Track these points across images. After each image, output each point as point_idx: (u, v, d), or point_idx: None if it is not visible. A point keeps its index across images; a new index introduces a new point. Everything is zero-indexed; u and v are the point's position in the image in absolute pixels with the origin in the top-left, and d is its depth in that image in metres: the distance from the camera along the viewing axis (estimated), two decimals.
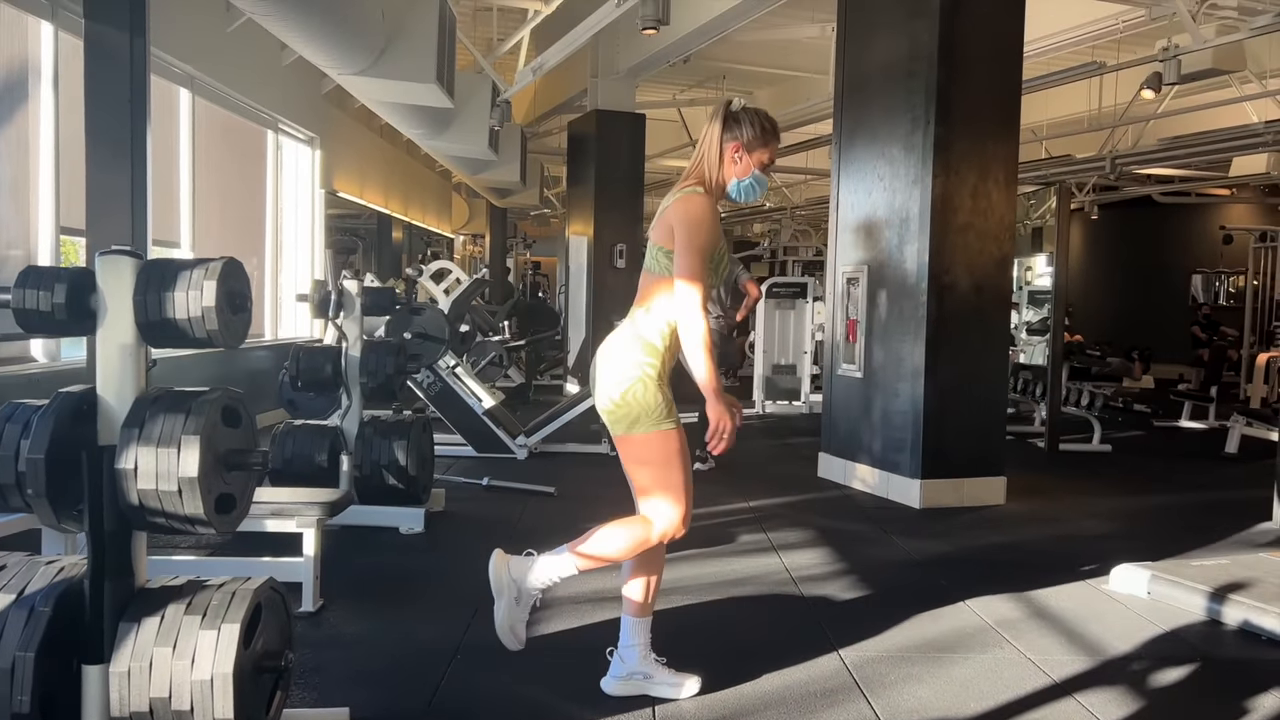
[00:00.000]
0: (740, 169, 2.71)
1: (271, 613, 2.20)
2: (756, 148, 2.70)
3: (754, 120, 2.70)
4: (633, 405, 2.60)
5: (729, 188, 2.73)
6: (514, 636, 2.71)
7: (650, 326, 2.66)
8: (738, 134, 2.69)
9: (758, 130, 2.69)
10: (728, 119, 2.70)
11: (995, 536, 4.99)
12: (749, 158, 2.70)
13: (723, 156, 2.70)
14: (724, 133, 2.69)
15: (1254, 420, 8.12)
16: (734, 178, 2.71)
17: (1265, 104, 9.83)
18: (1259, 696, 2.93)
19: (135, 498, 1.99)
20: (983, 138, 5.62)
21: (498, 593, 2.71)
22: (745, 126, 2.69)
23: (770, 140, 2.72)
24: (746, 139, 2.69)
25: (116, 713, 2.00)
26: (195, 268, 2.08)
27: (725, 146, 2.69)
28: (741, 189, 2.73)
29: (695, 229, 2.61)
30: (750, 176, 2.72)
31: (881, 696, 2.85)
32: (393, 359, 4.88)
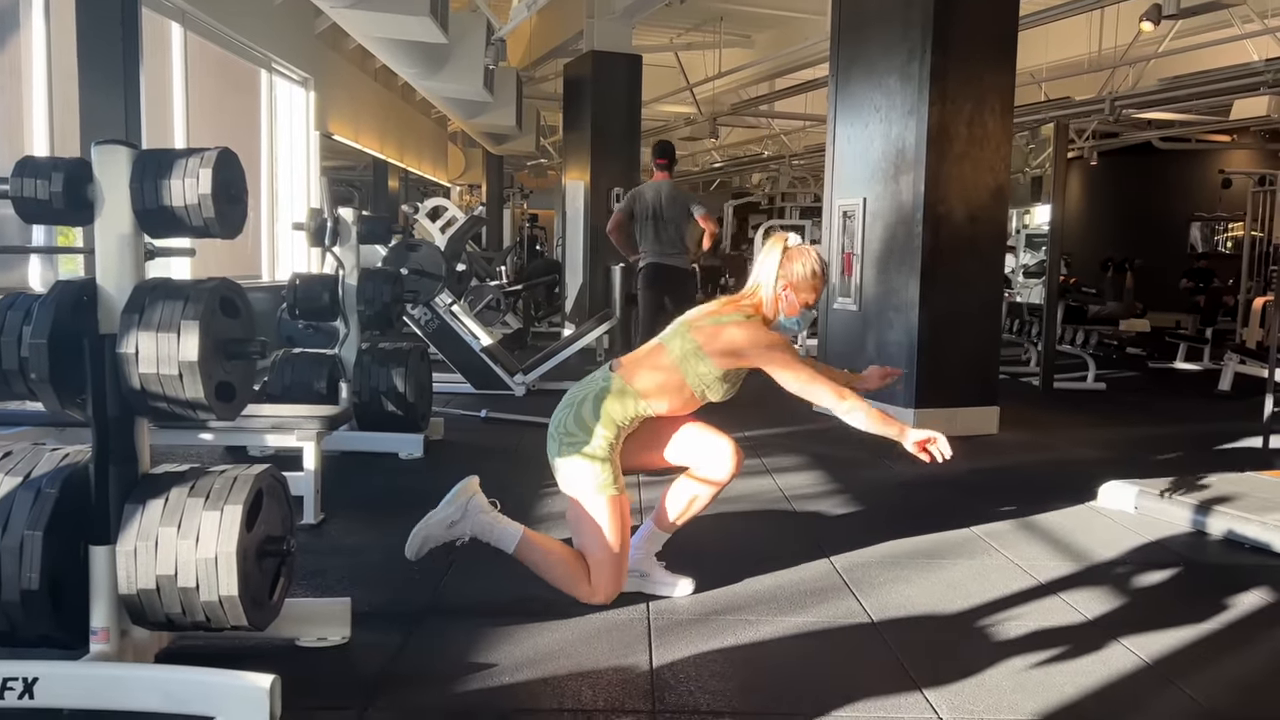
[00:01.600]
0: (789, 307, 2.84)
1: (273, 499, 2.25)
2: (804, 289, 2.83)
3: (806, 264, 2.82)
4: (582, 467, 2.73)
5: (777, 321, 2.87)
6: (418, 547, 2.78)
7: (622, 405, 2.73)
8: (789, 273, 2.82)
9: (808, 273, 2.82)
10: (784, 257, 2.82)
11: (988, 461, 5.06)
12: (797, 297, 2.83)
13: (776, 294, 2.83)
14: (780, 269, 2.81)
15: (1247, 358, 8.16)
16: (783, 314, 2.85)
17: (1266, 42, 9.74)
18: (1239, 594, 3.00)
19: (137, 382, 2.03)
20: (979, 67, 5.59)
21: (445, 505, 2.81)
22: (798, 266, 2.82)
23: (819, 284, 2.85)
24: (796, 279, 2.82)
25: (124, 590, 2.05)
26: (190, 156, 2.10)
27: (778, 282, 2.82)
28: (787, 325, 2.89)
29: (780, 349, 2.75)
30: (798, 315, 2.85)
31: (870, 595, 2.92)
32: (389, 287, 4.91)
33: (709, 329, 2.76)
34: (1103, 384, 8.09)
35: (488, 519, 2.80)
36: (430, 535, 2.78)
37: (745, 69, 12.95)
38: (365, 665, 2.35)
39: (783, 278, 2.80)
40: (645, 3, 10.21)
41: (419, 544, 2.78)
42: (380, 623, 2.59)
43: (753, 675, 2.35)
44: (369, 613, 2.61)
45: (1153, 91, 11.01)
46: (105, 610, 2.09)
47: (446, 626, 2.61)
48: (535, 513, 3.80)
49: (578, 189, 11.19)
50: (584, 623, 2.64)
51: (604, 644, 2.50)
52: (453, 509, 2.80)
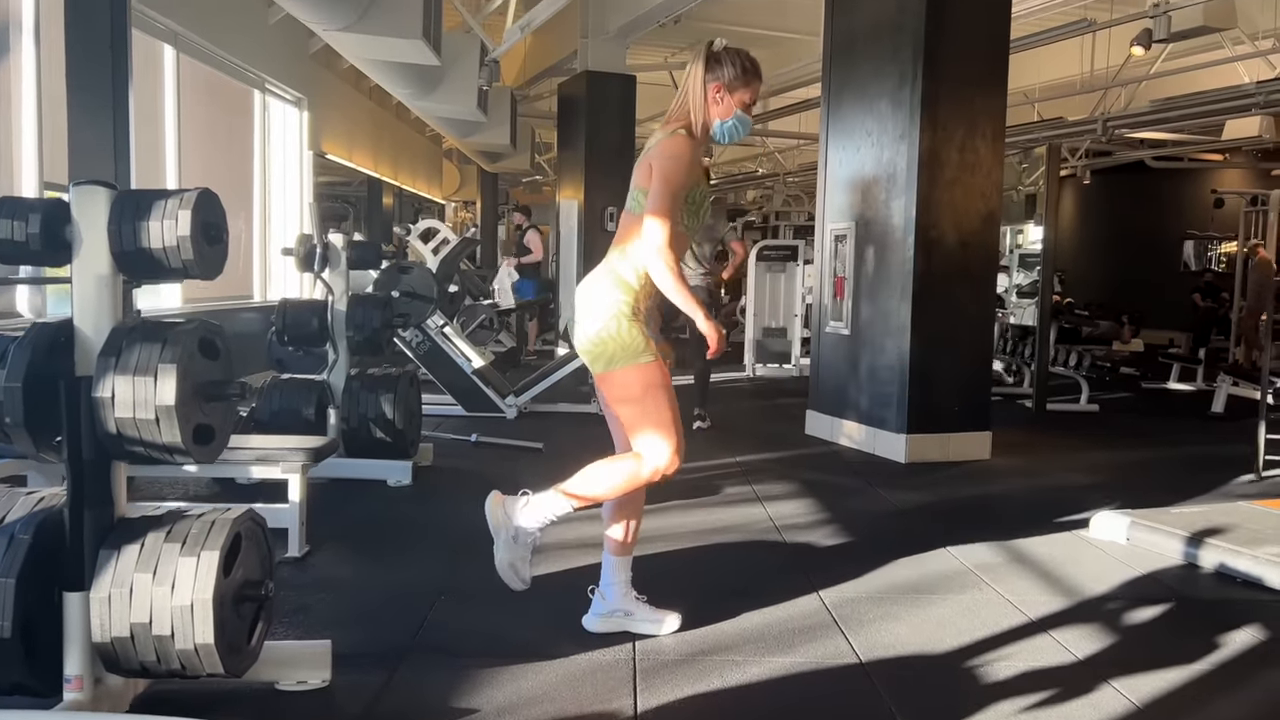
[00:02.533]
0: (722, 109, 2.70)
1: (251, 543, 2.22)
2: (738, 88, 2.69)
3: (735, 60, 2.69)
4: (608, 342, 2.62)
5: (713, 129, 2.72)
6: (516, 575, 2.73)
7: (625, 266, 2.67)
8: (719, 74, 2.68)
9: (738, 70, 2.68)
10: (709, 59, 2.69)
11: (979, 488, 5.04)
12: (730, 98, 2.69)
13: (705, 98, 2.69)
14: (706, 73, 2.68)
15: (1240, 380, 8.16)
16: (717, 119, 2.70)
17: (1256, 64, 9.80)
18: (1231, 632, 2.97)
19: (113, 426, 2.00)
20: (970, 92, 5.60)
21: (495, 532, 2.74)
22: (726, 66, 2.68)
23: (751, 80, 2.71)
24: (728, 79, 2.68)
25: (98, 638, 2.02)
26: (170, 198, 2.08)
27: (708, 87, 2.68)
28: (725, 130, 2.72)
29: (672, 167, 2.62)
30: (733, 117, 2.71)
31: (859, 633, 2.89)
32: (379, 313, 4.88)
33: (639, 163, 2.70)
34: (1096, 405, 8.08)
35: (527, 510, 2.71)
36: (514, 560, 2.73)
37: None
38: (345, 709, 2.31)
39: (712, 80, 2.67)
40: (639, 24, 10.24)
41: (512, 575, 2.73)
42: (361, 664, 2.55)
43: None
44: (350, 654, 2.57)
45: (1145, 112, 11.05)
46: (79, 658, 2.05)
47: (428, 668, 2.58)
48: None
49: (572, 208, 11.20)
50: (568, 664, 2.61)
51: (588, 687, 2.47)
52: (502, 531, 2.73)
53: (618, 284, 2.65)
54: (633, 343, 2.61)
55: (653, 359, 2.63)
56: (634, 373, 2.62)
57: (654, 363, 2.64)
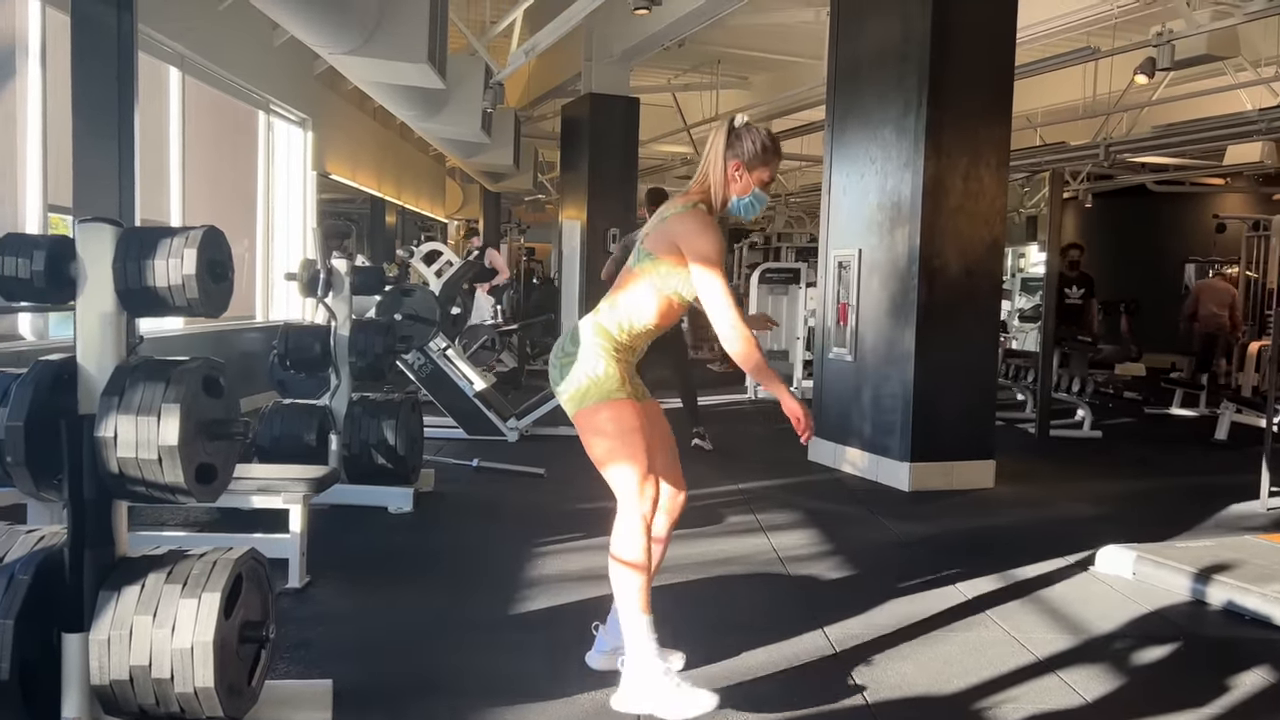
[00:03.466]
0: (741, 186, 2.71)
1: (253, 583, 2.20)
2: (756, 166, 2.70)
3: (755, 139, 2.70)
4: (581, 379, 2.59)
5: (730, 204, 2.74)
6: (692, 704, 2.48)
7: (610, 318, 2.67)
8: (739, 151, 2.69)
9: (758, 148, 2.69)
10: (730, 135, 2.70)
11: (983, 519, 5.01)
12: (749, 175, 2.70)
13: (725, 174, 2.70)
14: (726, 149, 2.70)
15: (1243, 407, 8.13)
16: (735, 195, 2.72)
17: (1259, 92, 9.83)
18: (1240, 674, 2.94)
19: (115, 466, 1.99)
20: (975, 121, 5.60)
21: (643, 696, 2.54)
22: (746, 143, 2.69)
23: (770, 158, 2.72)
24: (747, 157, 2.69)
25: (97, 680, 2.00)
26: (175, 236, 2.07)
27: (728, 164, 2.70)
28: (742, 206, 2.74)
29: (708, 244, 2.59)
30: (750, 194, 2.73)
31: (864, 673, 2.86)
32: (382, 338, 4.87)
33: (654, 231, 2.69)
34: (1099, 432, 8.05)
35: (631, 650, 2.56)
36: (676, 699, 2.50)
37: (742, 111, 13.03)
38: None
39: (732, 157, 2.68)
40: (643, 47, 10.28)
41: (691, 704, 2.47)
42: (362, 703, 2.52)
43: None
44: (354, 689, 2.55)
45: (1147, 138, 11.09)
46: (77, 700, 2.03)
47: (431, 708, 2.55)
48: (524, 574, 3.74)
49: (574, 228, 11.21)
50: (570, 704, 2.58)
51: None
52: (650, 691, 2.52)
53: (599, 331, 2.64)
54: (608, 380, 2.59)
55: (626, 397, 2.61)
56: (607, 409, 2.58)
57: (628, 401, 2.61)
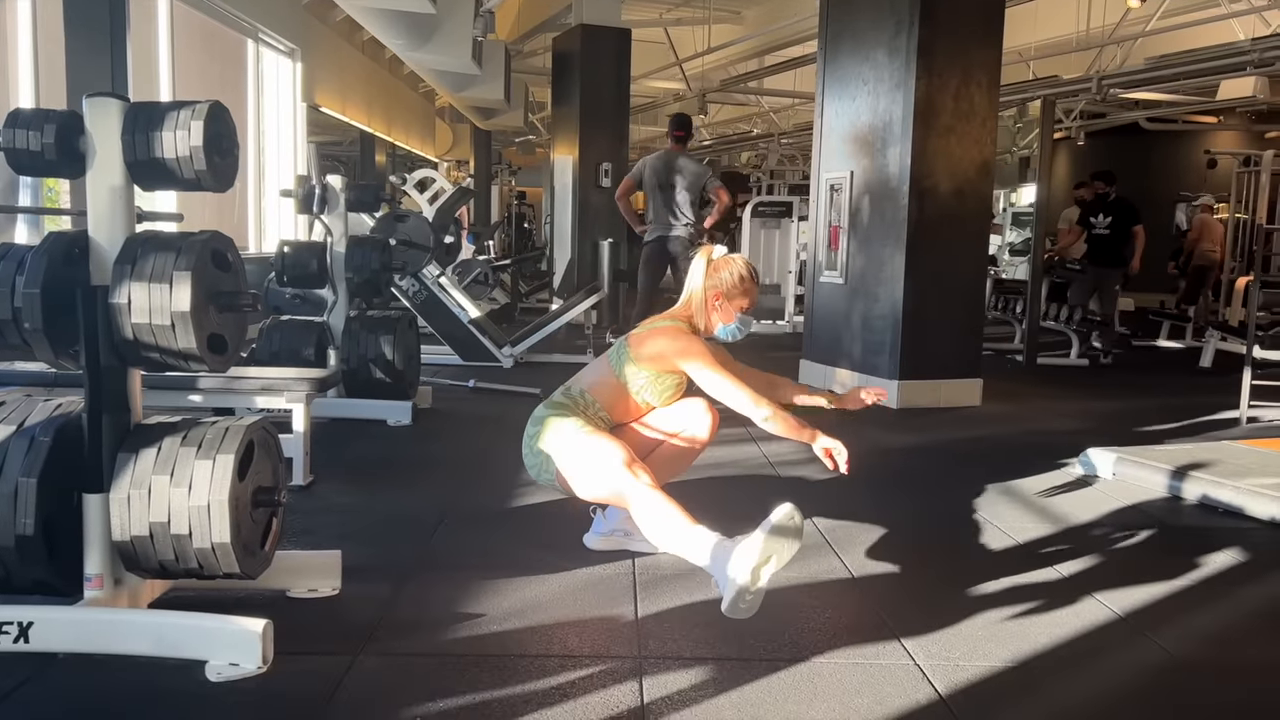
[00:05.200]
0: (724, 315, 2.93)
1: (264, 451, 2.28)
2: (736, 295, 2.92)
3: (733, 271, 2.92)
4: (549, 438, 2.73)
5: (716, 331, 2.96)
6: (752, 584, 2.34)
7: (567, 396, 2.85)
8: (718, 282, 2.90)
9: (736, 279, 2.92)
10: (709, 269, 2.91)
11: (969, 431, 5.13)
12: (730, 305, 2.92)
13: (707, 304, 2.90)
14: (706, 281, 2.90)
15: (1228, 335, 8.25)
16: (720, 323, 2.93)
17: (1252, 22, 9.80)
18: (1211, 554, 3.07)
19: (130, 332, 2.06)
20: (966, 40, 5.62)
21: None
22: (724, 275, 2.91)
23: (749, 288, 2.94)
24: (726, 288, 2.90)
25: (117, 536, 2.09)
26: (181, 109, 2.11)
27: (708, 294, 2.90)
28: (728, 331, 2.96)
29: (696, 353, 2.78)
30: (735, 322, 2.94)
31: (851, 553, 2.98)
32: (378, 255, 4.92)
33: (640, 336, 2.86)
34: (1086, 360, 8.17)
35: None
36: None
37: (734, 45, 12.93)
38: (356, 615, 2.39)
39: (711, 288, 2.89)
40: None
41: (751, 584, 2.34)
42: (370, 576, 2.63)
43: (735, 625, 2.40)
44: (359, 567, 2.65)
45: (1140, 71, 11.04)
46: (99, 557, 2.12)
47: (436, 580, 2.66)
48: (522, 476, 3.83)
49: (566, 164, 11.18)
50: (570, 577, 2.69)
51: (590, 596, 2.55)
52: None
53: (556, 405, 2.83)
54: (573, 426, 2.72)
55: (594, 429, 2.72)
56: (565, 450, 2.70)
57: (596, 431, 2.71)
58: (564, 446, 2.71)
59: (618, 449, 2.63)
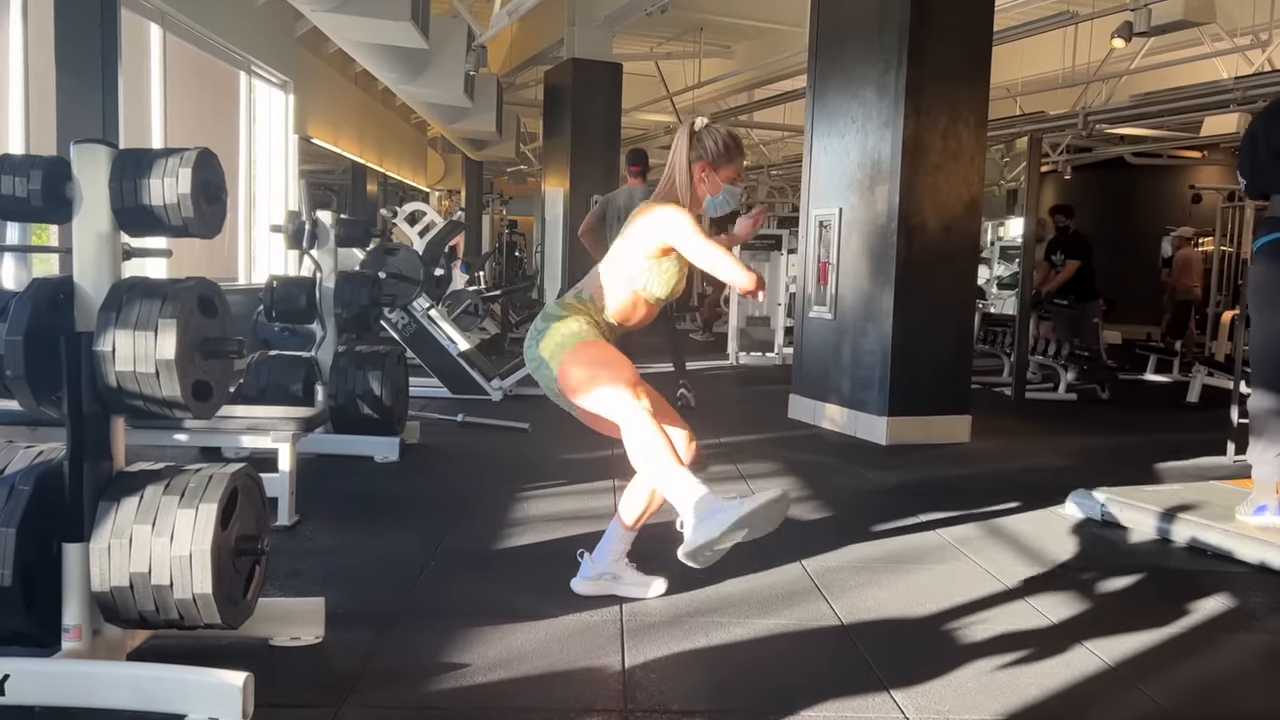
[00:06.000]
0: (710, 187, 2.82)
1: (248, 499, 2.26)
2: (722, 164, 2.81)
3: (717, 139, 2.81)
4: (555, 336, 2.67)
5: (704, 205, 2.85)
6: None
7: (578, 297, 2.78)
8: (703, 153, 2.80)
9: (721, 148, 2.80)
10: (692, 139, 2.80)
11: (958, 469, 5.12)
12: (716, 175, 2.81)
13: (692, 176, 2.81)
14: (689, 152, 2.80)
15: (1215, 370, 8.29)
16: (706, 195, 2.83)
17: (1235, 61, 9.93)
18: (1201, 600, 3.06)
19: (114, 380, 2.04)
20: (954, 80, 5.67)
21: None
22: (709, 145, 2.80)
23: (735, 156, 2.83)
24: (711, 157, 2.80)
25: (97, 587, 2.06)
26: (170, 156, 2.11)
27: (693, 166, 2.80)
28: (715, 204, 2.86)
29: (687, 230, 2.67)
30: (722, 193, 2.84)
31: (840, 598, 2.96)
32: (368, 290, 4.92)
33: (635, 228, 2.76)
34: (1074, 395, 8.19)
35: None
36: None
37: (725, 79, 13.03)
38: (339, 664, 2.36)
39: (696, 159, 2.78)
40: (626, 12, 10.27)
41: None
42: (354, 623, 2.60)
43: (724, 676, 2.38)
44: (343, 613, 2.62)
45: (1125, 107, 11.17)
46: (78, 607, 2.09)
47: (420, 627, 2.63)
48: (510, 515, 3.81)
49: (557, 196, 11.23)
50: (557, 624, 2.66)
51: (577, 645, 2.52)
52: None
53: (566, 305, 2.75)
54: (581, 331, 2.67)
55: (596, 339, 2.69)
56: (581, 348, 2.65)
57: (597, 340, 2.69)
58: (569, 350, 2.64)
59: (626, 365, 2.63)
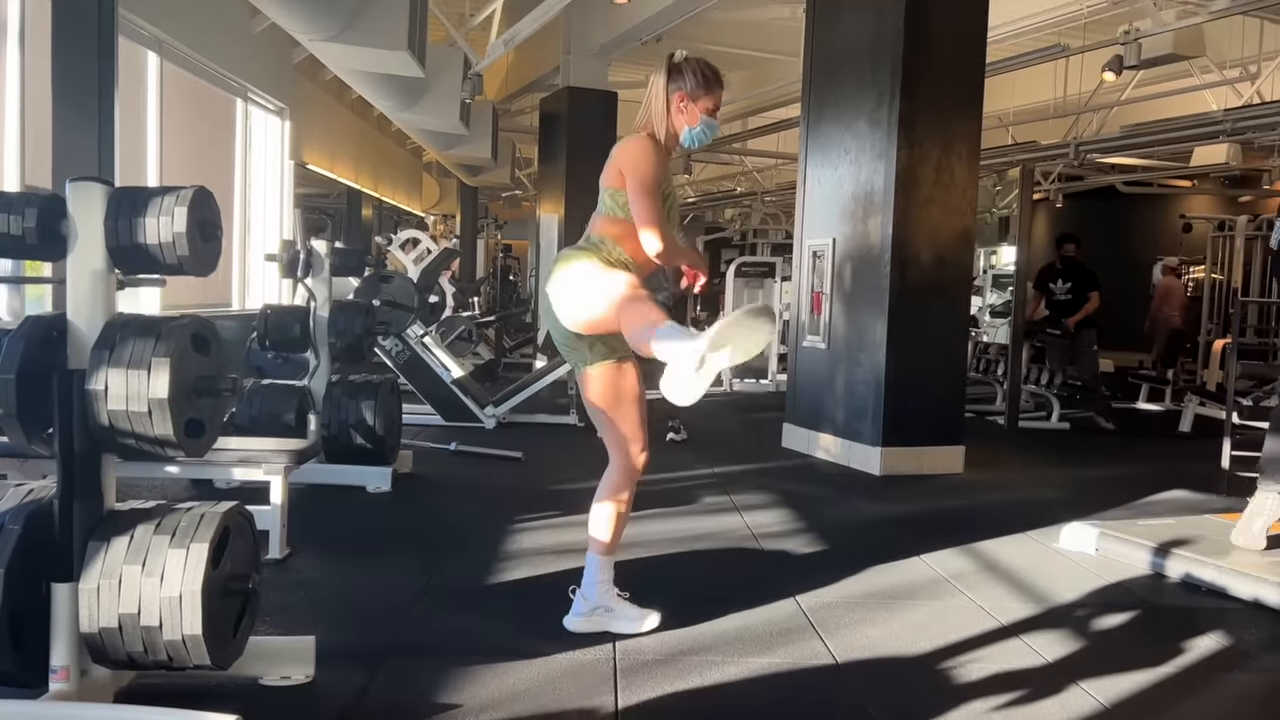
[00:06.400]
0: (689, 117, 2.81)
1: (239, 537, 2.25)
2: (700, 96, 2.80)
3: (696, 69, 2.81)
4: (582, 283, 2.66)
5: (681, 136, 2.84)
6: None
7: (586, 243, 2.78)
8: (681, 84, 2.79)
9: (699, 79, 2.80)
10: (670, 71, 2.80)
11: (952, 500, 5.11)
12: (694, 106, 2.81)
13: (669, 107, 2.80)
14: (669, 84, 2.79)
15: (1207, 400, 8.31)
16: (685, 126, 2.82)
17: (1224, 93, 10.03)
18: (1196, 638, 3.05)
19: (105, 419, 2.03)
20: (947, 112, 5.72)
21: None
22: (688, 76, 2.79)
23: (713, 87, 2.82)
24: (690, 88, 2.79)
25: (86, 628, 2.04)
26: (166, 195, 2.11)
27: (671, 97, 2.79)
28: (694, 135, 2.84)
29: (642, 167, 2.70)
30: (700, 124, 2.82)
31: (834, 636, 2.94)
32: (362, 319, 4.91)
33: (605, 166, 2.78)
34: (1067, 424, 8.20)
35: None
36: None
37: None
38: (329, 705, 2.33)
39: (675, 89, 2.77)
40: (621, 41, 10.35)
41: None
42: (344, 661, 2.57)
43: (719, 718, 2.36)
44: (333, 651, 2.59)
45: (1116, 138, 11.27)
46: (66, 649, 2.07)
47: (411, 666, 2.60)
48: (502, 548, 3.80)
49: (552, 221, 11.26)
50: (549, 663, 2.64)
51: (570, 685, 2.50)
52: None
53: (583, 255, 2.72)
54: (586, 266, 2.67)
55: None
56: (617, 370, 2.75)
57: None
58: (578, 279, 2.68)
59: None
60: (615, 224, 2.77)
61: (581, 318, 2.69)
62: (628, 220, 2.73)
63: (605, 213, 2.79)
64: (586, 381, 2.81)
